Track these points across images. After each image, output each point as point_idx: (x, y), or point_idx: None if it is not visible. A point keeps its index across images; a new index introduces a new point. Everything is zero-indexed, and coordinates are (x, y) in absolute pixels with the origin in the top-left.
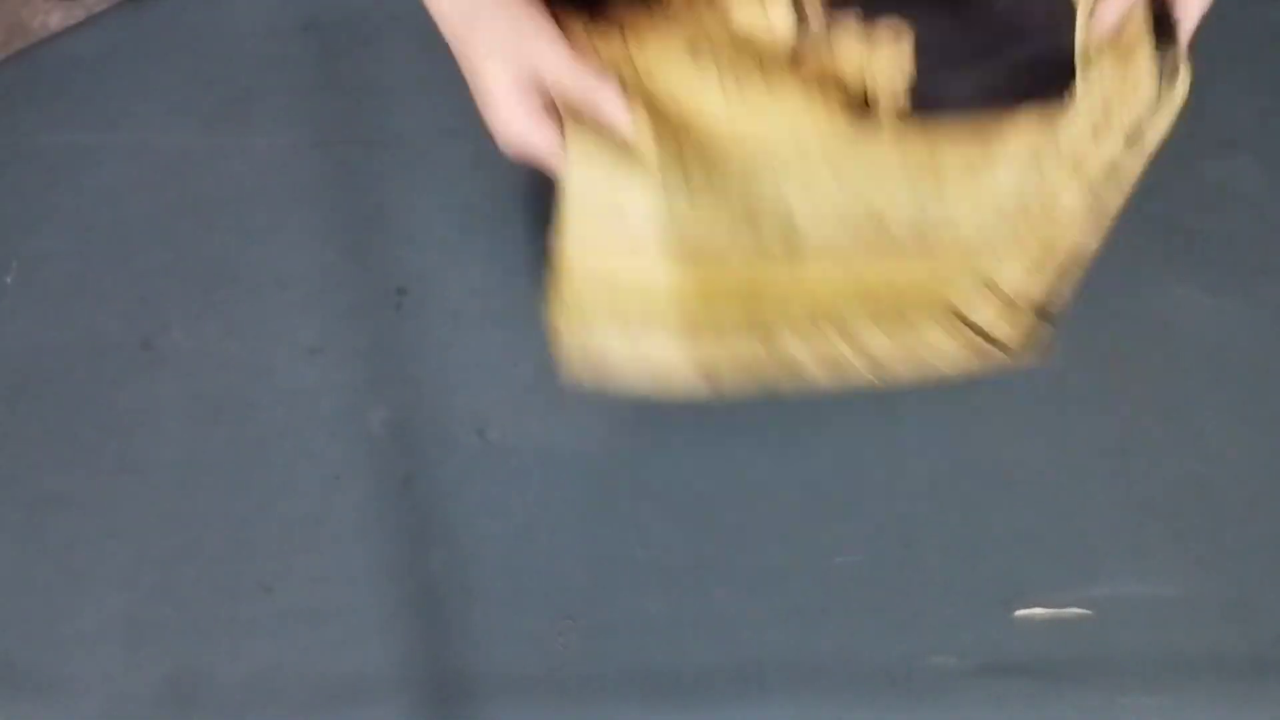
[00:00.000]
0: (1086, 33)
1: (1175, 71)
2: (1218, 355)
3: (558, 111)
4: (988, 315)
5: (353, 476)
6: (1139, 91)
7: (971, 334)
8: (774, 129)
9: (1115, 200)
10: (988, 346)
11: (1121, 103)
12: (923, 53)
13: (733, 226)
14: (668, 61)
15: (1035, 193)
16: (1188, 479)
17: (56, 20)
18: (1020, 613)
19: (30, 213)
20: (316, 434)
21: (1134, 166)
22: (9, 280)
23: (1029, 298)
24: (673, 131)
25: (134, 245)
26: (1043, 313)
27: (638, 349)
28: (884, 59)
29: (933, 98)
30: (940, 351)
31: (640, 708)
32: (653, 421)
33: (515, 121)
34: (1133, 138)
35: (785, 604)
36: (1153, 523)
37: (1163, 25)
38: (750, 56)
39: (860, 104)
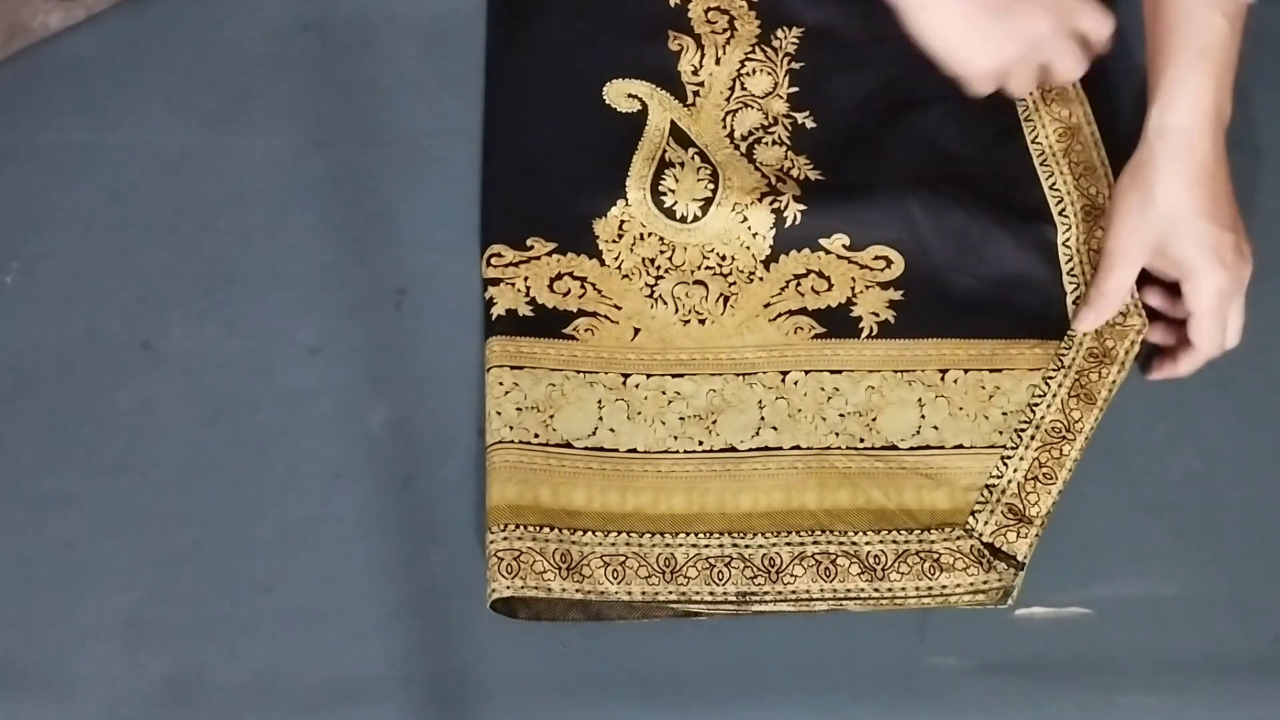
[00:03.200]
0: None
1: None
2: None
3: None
4: (993, 524)
5: (353, 476)
6: (1129, 321)
7: (977, 544)
8: (739, 340)
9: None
10: (993, 558)
11: (1116, 336)
12: (912, 282)
13: (681, 427)
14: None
15: (1046, 410)
16: (1188, 479)
17: (56, 20)
18: (1020, 613)
19: (30, 213)
20: (316, 434)
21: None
22: (9, 280)
23: (1038, 510)
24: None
25: (134, 245)
26: (1043, 528)
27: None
28: (869, 278)
29: (923, 320)
30: (944, 562)
31: (640, 708)
32: None
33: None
34: (1125, 364)
35: None
36: (1153, 523)
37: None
38: (716, 283)
39: (841, 314)
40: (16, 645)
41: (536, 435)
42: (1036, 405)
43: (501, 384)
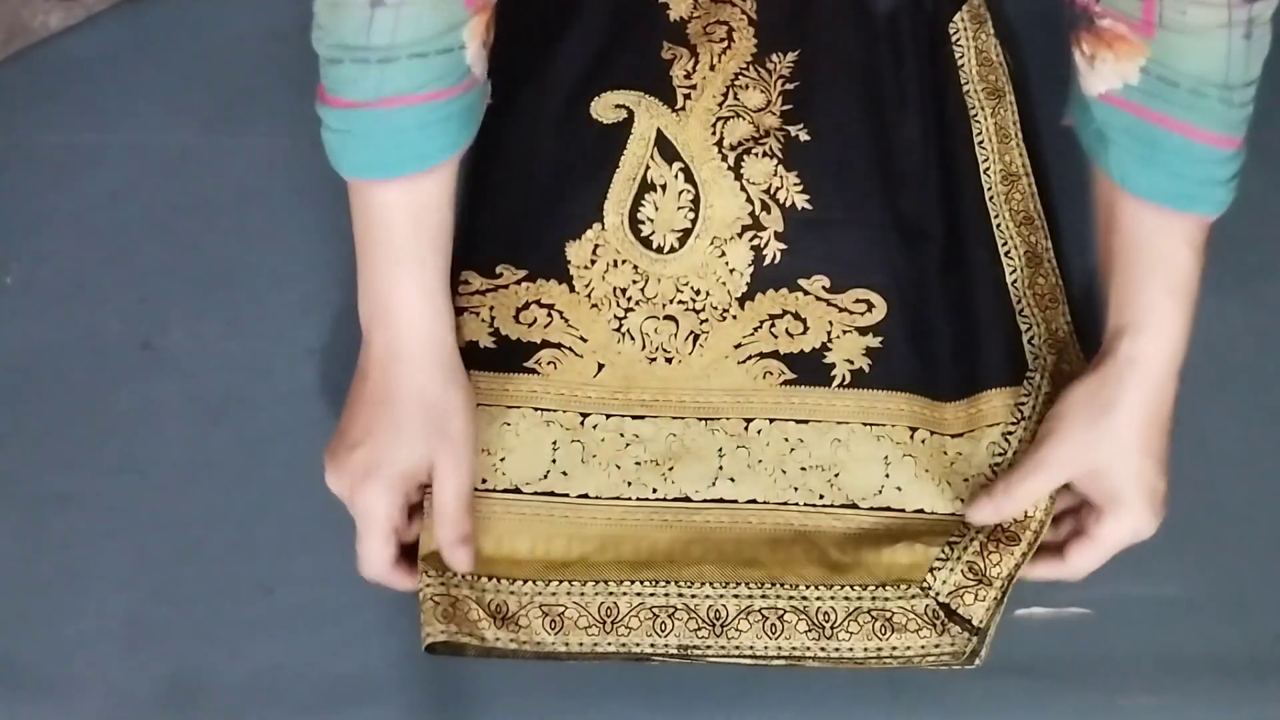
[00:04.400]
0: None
1: None
2: (1218, 355)
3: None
4: (951, 584)
5: None
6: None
7: (933, 604)
8: (705, 383)
9: None
10: (948, 620)
11: (1069, 381)
12: (892, 328)
13: (638, 475)
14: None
15: (1007, 469)
16: (1188, 479)
17: (56, 20)
18: (1020, 613)
19: (30, 213)
20: (316, 434)
21: None
22: (9, 280)
23: (999, 571)
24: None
25: (134, 245)
26: (1003, 594)
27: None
28: (848, 322)
29: (897, 370)
30: (896, 622)
31: (640, 708)
32: None
33: (369, 495)
34: None
35: None
36: None
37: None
38: (688, 320)
39: (814, 360)
40: (16, 645)
41: (484, 481)
42: (998, 465)
43: None
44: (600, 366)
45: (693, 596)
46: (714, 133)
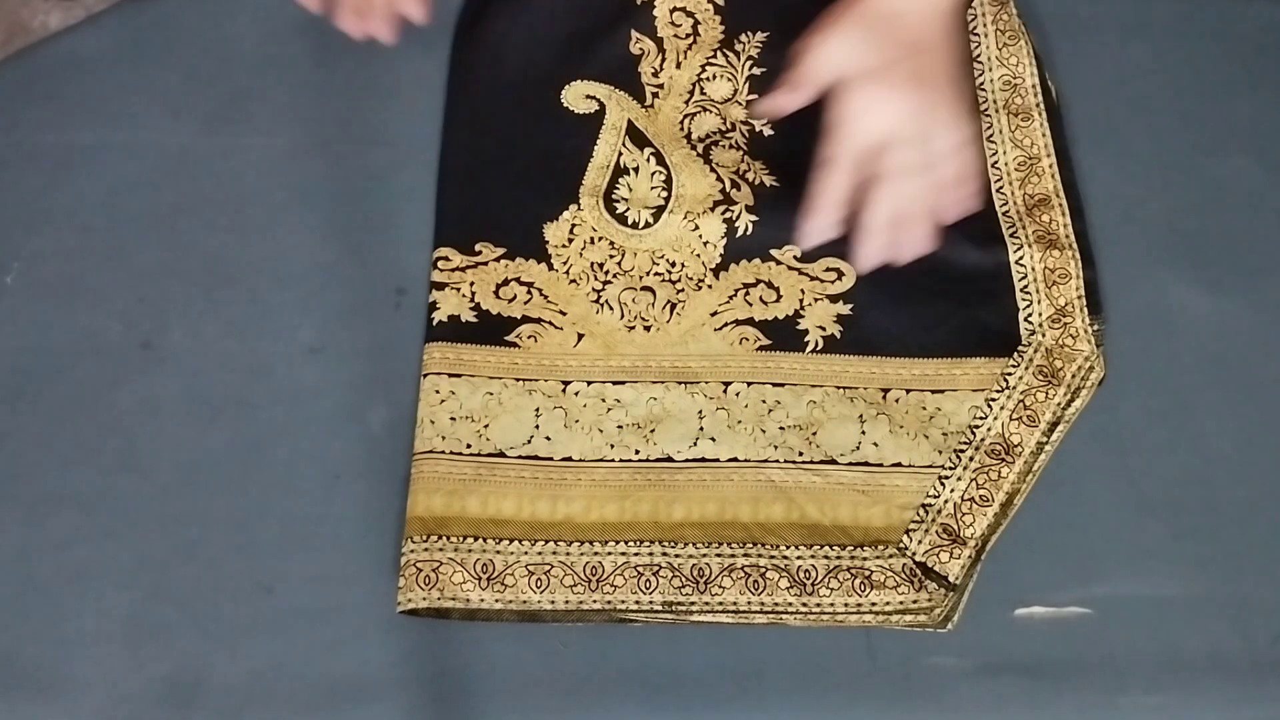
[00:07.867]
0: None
1: (1101, 343)
2: (1218, 355)
3: None
4: (927, 544)
5: (353, 476)
6: (1078, 346)
7: (910, 562)
8: (683, 349)
9: (1048, 454)
10: (924, 577)
11: (1065, 359)
12: (861, 295)
13: (621, 436)
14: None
15: (986, 433)
16: (1188, 479)
17: (56, 20)
18: (1020, 613)
19: (30, 213)
20: (316, 434)
21: (1065, 424)
22: (9, 280)
23: (972, 531)
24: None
25: (134, 245)
26: (978, 553)
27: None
28: (819, 290)
29: (869, 336)
30: (875, 579)
31: (640, 708)
32: None
33: None
34: (1071, 395)
35: None
36: (1153, 523)
37: (1094, 298)
38: (664, 290)
39: (788, 327)
40: (16, 645)
41: (469, 445)
42: (977, 426)
43: (438, 392)
44: (580, 336)
45: (676, 556)
46: (682, 128)
